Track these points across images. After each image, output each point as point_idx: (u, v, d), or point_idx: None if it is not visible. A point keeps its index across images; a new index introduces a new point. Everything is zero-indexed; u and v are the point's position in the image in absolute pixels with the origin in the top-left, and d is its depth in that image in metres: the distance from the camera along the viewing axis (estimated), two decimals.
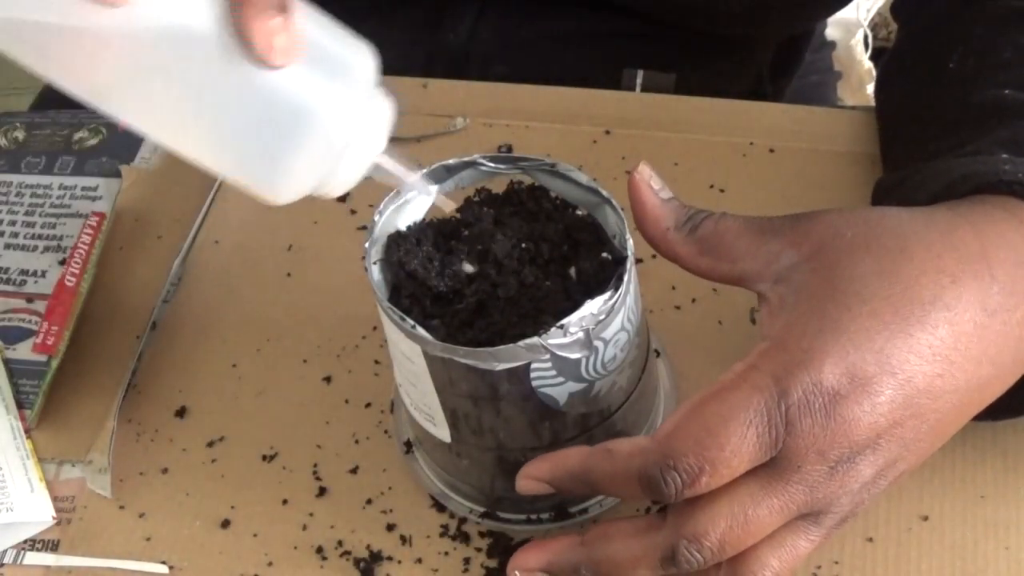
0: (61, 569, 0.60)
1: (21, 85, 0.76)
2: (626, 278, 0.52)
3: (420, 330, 0.51)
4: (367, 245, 0.54)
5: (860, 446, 0.47)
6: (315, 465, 0.63)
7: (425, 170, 0.56)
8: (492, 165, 0.57)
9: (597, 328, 0.51)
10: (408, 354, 0.53)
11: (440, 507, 0.61)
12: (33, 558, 0.61)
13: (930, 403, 0.48)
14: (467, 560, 0.59)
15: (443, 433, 0.56)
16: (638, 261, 0.68)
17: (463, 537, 0.60)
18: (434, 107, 0.78)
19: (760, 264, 0.51)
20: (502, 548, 0.59)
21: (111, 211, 0.75)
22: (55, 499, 0.63)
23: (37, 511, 0.62)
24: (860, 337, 0.47)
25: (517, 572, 0.53)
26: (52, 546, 0.61)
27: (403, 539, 0.60)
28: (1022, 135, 0.56)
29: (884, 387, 0.47)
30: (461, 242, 0.55)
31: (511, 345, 0.50)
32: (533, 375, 0.52)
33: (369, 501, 0.61)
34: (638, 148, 0.75)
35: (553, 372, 0.52)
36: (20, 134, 0.80)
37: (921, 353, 0.47)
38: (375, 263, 0.54)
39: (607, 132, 0.76)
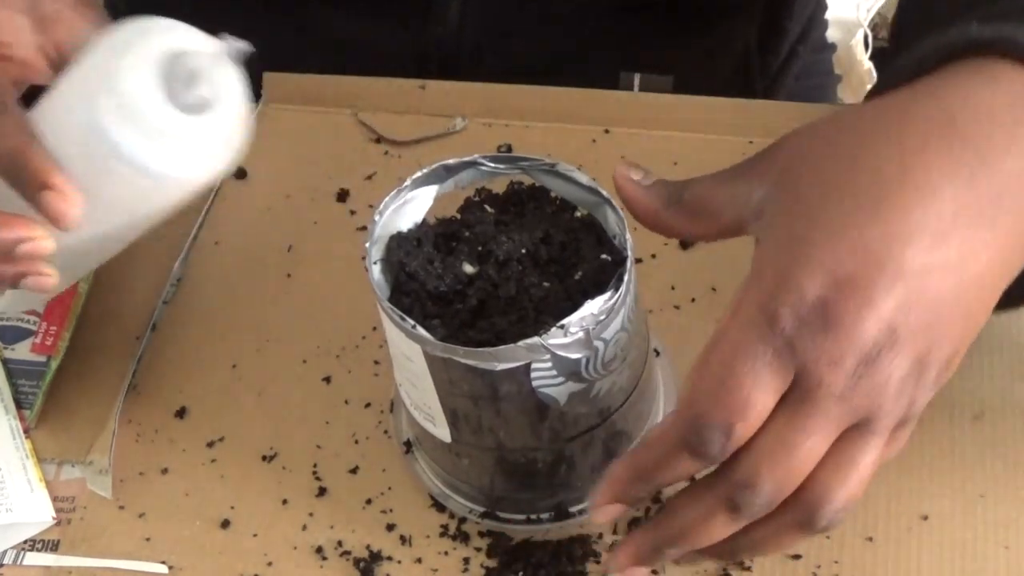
0: (61, 569, 0.60)
1: None
2: (626, 278, 0.52)
3: (420, 330, 0.51)
4: (367, 245, 0.54)
5: (875, 344, 0.45)
6: (315, 465, 0.63)
7: (425, 170, 0.56)
8: (492, 165, 0.57)
9: (597, 328, 0.51)
10: (408, 354, 0.53)
11: (440, 507, 0.61)
12: (33, 558, 0.61)
13: (931, 282, 0.45)
14: (466, 560, 0.59)
15: (443, 433, 0.56)
16: (638, 261, 0.68)
17: (463, 537, 0.60)
18: (432, 108, 0.78)
19: (740, 208, 0.50)
20: (502, 548, 0.59)
21: None
22: (55, 499, 0.63)
23: (37, 511, 0.62)
24: (831, 240, 0.46)
25: None
26: (52, 546, 0.61)
27: (403, 539, 0.60)
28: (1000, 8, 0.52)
29: (871, 280, 0.45)
30: (462, 243, 0.55)
31: (511, 345, 0.50)
32: (533, 375, 0.52)
33: (369, 501, 0.62)
34: (637, 147, 0.75)
35: (553, 372, 0.52)
36: None
37: (900, 235, 0.45)
38: (375, 263, 0.54)
39: (606, 131, 0.76)
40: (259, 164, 0.77)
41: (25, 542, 0.61)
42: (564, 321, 0.50)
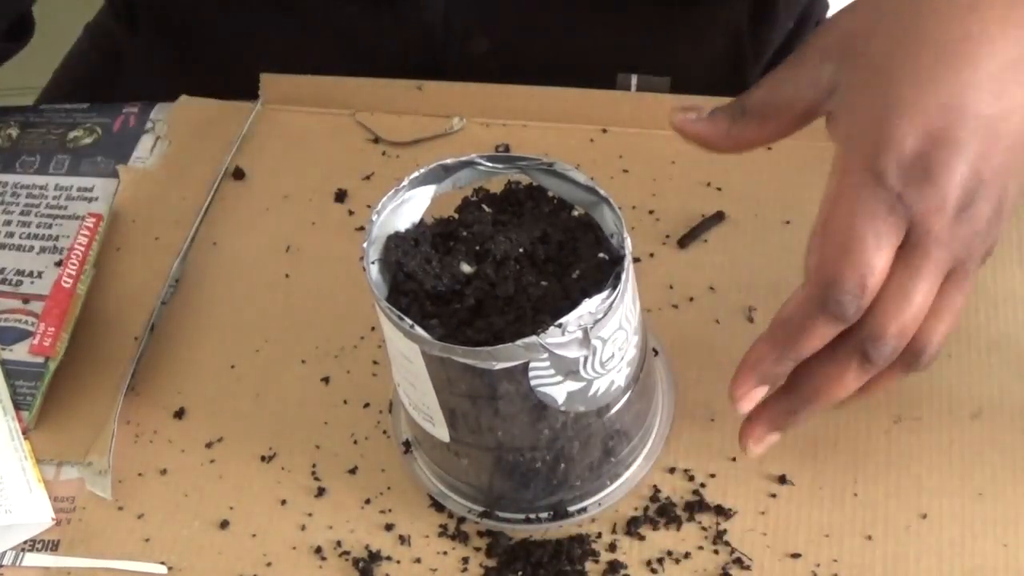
0: (60, 570, 0.60)
1: (21, 85, 0.76)
2: (623, 277, 0.52)
3: (418, 330, 0.51)
4: (365, 245, 0.54)
5: (967, 191, 0.50)
6: (314, 465, 0.63)
7: (423, 170, 0.56)
8: (490, 165, 0.57)
9: (595, 327, 0.51)
10: (407, 354, 0.53)
11: (439, 507, 0.61)
12: (32, 559, 0.61)
13: (1003, 125, 0.50)
14: (465, 560, 0.59)
15: (442, 433, 0.56)
16: (636, 260, 0.68)
17: (462, 537, 0.60)
18: (430, 109, 0.78)
19: (810, 92, 0.53)
20: (501, 548, 0.59)
21: (108, 212, 0.74)
22: (55, 499, 0.63)
23: (36, 512, 0.62)
24: (916, 96, 0.50)
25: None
26: (52, 547, 0.61)
27: (402, 539, 0.60)
28: None
29: (957, 130, 0.49)
30: (459, 243, 0.55)
31: (509, 344, 0.50)
32: (531, 374, 0.52)
33: (368, 501, 0.62)
34: (635, 147, 0.75)
35: (551, 371, 0.52)
36: (14, 132, 0.80)
37: (972, 84, 0.49)
38: (373, 263, 0.54)
39: (604, 131, 0.76)
40: (257, 165, 0.77)
41: (24, 542, 0.61)
42: (562, 320, 0.50)
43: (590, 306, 0.51)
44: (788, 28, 0.93)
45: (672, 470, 0.61)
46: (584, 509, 0.59)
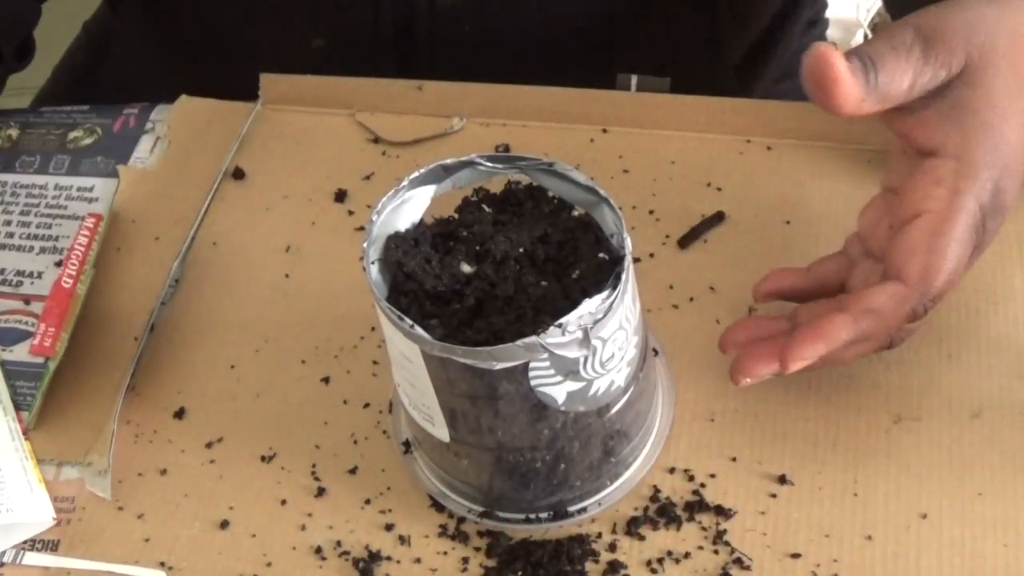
0: (60, 570, 0.60)
1: (21, 85, 0.76)
2: (624, 277, 0.52)
3: (418, 330, 0.51)
4: (365, 245, 0.54)
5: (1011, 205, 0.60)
6: (314, 465, 0.63)
7: (422, 170, 0.56)
8: (490, 165, 0.57)
9: (595, 327, 0.51)
10: (407, 354, 0.53)
11: (439, 507, 0.61)
12: (32, 558, 0.61)
13: None
14: (465, 560, 0.59)
15: (442, 433, 0.56)
16: (636, 261, 0.68)
17: (461, 537, 0.60)
18: (430, 109, 0.78)
19: (921, 90, 0.58)
20: (501, 548, 0.59)
21: (108, 212, 0.74)
22: (55, 499, 0.63)
23: (36, 512, 0.62)
24: (1018, 140, 0.58)
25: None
26: (52, 546, 0.61)
27: (401, 539, 0.60)
28: None
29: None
30: (459, 243, 0.55)
31: (509, 344, 0.50)
32: (532, 374, 0.52)
33: (368, 501, 0.62)
34: (635, 147, 0.75)
35: (551, 371, 0.52)
36: (14, 132, 0.80)
37: None
38: (373, 263, 0.54)
39: (604, 131, 0.76)
40: (257, 165, 0.77)
41: (25, 542, 0.61)
42: (562, 320, 0.50)
43: (590, 306, 0.51)
44: (762, 26, 0.93)
45: (672, 470, 0.61)
46: (584, 509, 0.59)
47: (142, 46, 0.95)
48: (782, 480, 0.60)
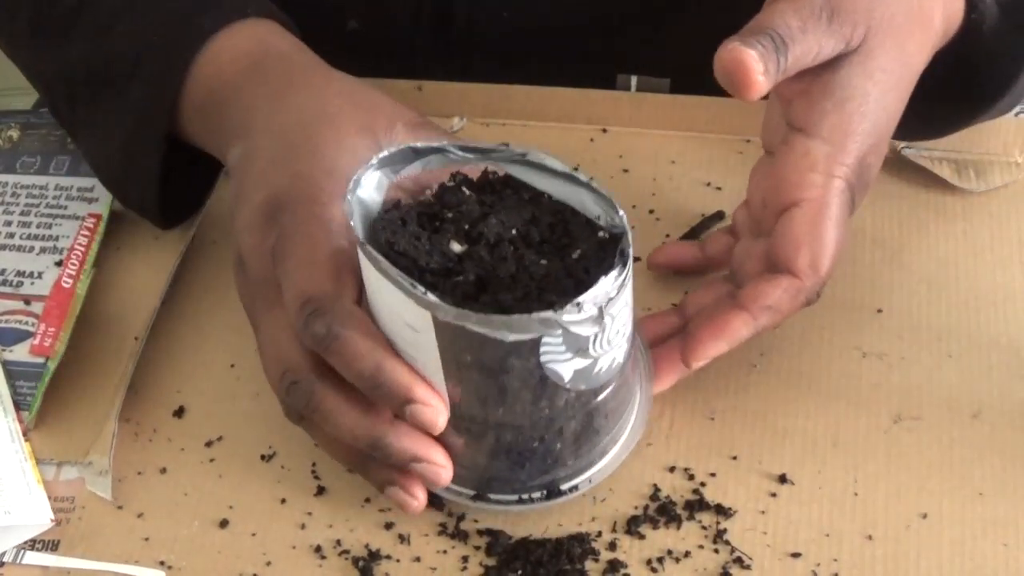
0: (60, 570, 0.60)
1: (21, 85, 0.76)
2: (630, 252, 0.52)
3: (432, 296, 0.51)
4: (352, 224, 0.54)
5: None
6: (313, 464, 0.63)
7: (392, 149, 0.56)
8: (460, 154, 0.57)
9: (608, 305, 0.51)
10: (413, 323, 0.52)
11: (438, 505, 0.61)
12: (32, 558, 0.60)
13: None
14: (465, 558, 0.59)
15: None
16: (636, 260, 0.68)
17: (461, 535, 0.60)
18: (430, 109, 0.77)
19: (839, 48, 0.59)
20: (501, 546, 0.59)
21: (108, 212, 0.74)
22: (55, 499, 0.63)
23: (35, 514, 0.62)
24: (887, 124, 0.61)
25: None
26: (52, 546, 0.61)
27: (401, 537, 0.60)
28: None
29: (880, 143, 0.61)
30: (446, 223, 0.55)
31: (525, 316, 0.50)
32: (543, 350, 0.52)
33: (367, 500, 0.61)
34: (635, 146, 0.75)
35: (563, 348, 0.52)
36: (15, 133, 0.80)
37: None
38: (365, 244, 0.53)
39: (604, 131, 0.76)
40: None
41: (24, 542, 0.61)
42: (580, 299, 0.50)
43: (606, 284, 0.51)
44: None
45: (672, 469, 0.61)
46: (576, 487, 0.59)
47: None
48: (782, 479, 0.60)
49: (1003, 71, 0.67)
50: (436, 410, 0.55)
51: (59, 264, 0.72)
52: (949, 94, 0.66)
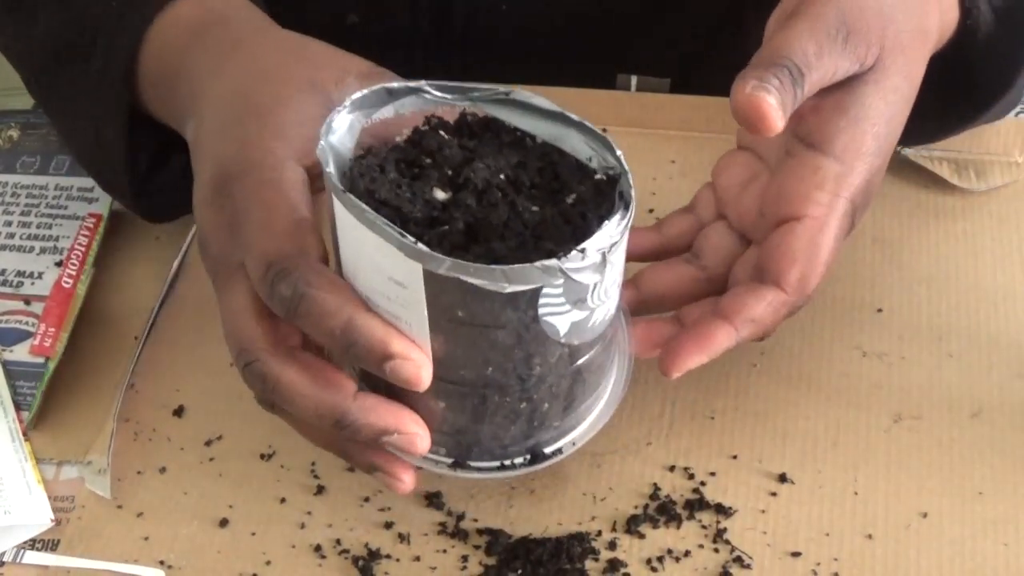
0: (60, 569, 0.60)
1: (22, 85, 0.76)
2: (632, 193, 0.50)
3: (423, 247, 0.47)
4: (328, 171, 0.51)
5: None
6: (313, 463, 0.63)
7: (364, 91, 0.54)
8: (438, 94, 0.54)
9: (611, 250, 0.49)
10: (399, 278, 0.49)
11: (438, 505, 0.61)
12: (33, 557, 0.60)
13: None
14: (465, 558, 0.59)
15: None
16: None
17: (461, 535, 0.60)
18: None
19: (853, 69, 0.58)
20: (500, 546, 0.59)
21: (108, 212, 0.74)
22: (55, 499, 0.63)
23: (35, 514, 0.62)
24: (888, 146, 0.60)
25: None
26: (52, 546, 0.61)
27: (401, 537, 0.60)
28: None
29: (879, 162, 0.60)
30: (426, 169, 0.53)
31: (526, 265, 0.47)
32: (541, 301, 0.49)
33: (367, 499, 0.61)
34: (635, 146, 0.75)
35: (562, 299, 0.49)
36: (15, 133, 0.80)
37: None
38: (345, 192, 0.50)
39: (604, 131, 0.76)
40: None
41: (24, 542, 0.61)
42: (584, 244, 0.48)
43: (609, 229, 0.49)
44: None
45: (672, 468, 0.61)
46: (560, 451, 0.56)
47: None
48: (782, 479, 0.60)
49: (998, 76, 0.67)
50: (418, 363, 0.50)
51: (59, 264, 0.72)
52: (944, 99, 0.66)
